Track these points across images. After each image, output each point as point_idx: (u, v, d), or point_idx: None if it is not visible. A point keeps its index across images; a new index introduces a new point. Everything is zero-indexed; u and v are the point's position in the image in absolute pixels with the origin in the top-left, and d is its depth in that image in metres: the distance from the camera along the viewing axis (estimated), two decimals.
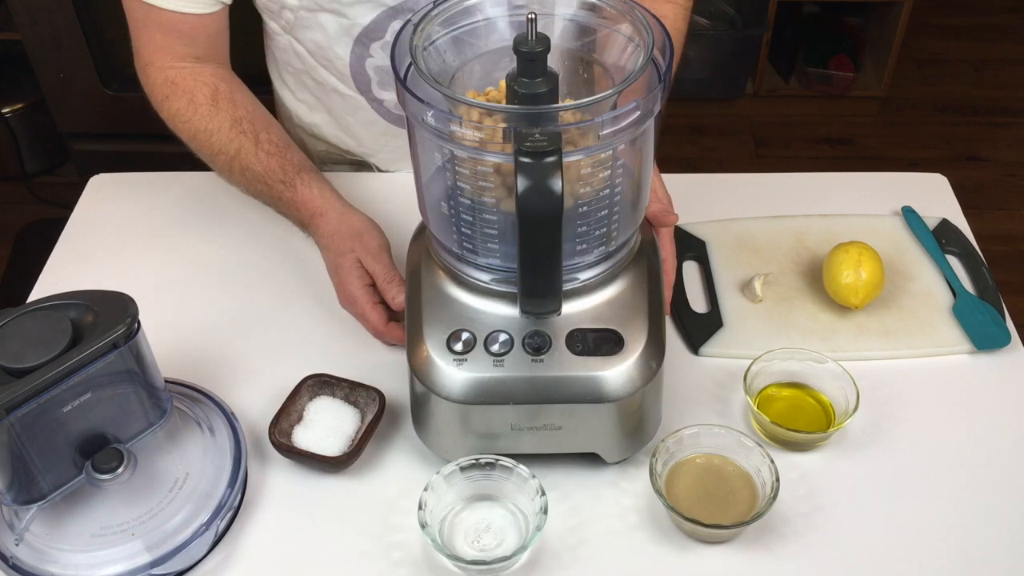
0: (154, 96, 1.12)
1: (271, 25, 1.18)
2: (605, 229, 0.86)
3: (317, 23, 1.12)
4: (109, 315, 0.83)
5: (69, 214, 1.24)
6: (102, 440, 0.86)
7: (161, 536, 0.85)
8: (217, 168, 1.11)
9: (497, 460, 0.88)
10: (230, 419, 0.94)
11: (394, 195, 1.19)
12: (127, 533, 0.85)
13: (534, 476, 0.87)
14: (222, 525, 0.88)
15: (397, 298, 1.00)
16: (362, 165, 1.33)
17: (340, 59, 1.15)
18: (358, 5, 1.08)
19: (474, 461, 0.89)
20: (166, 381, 0.91)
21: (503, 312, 0.88)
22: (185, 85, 1.10)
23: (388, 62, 1.00)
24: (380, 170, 1.33)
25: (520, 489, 0.89)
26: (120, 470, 0.86)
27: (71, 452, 0.84)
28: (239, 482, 0.90)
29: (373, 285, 1.02)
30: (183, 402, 0.95)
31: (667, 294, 0.99)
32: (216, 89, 1.10)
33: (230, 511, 0.89)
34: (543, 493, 0.86)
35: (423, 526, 0.85)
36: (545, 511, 0.86)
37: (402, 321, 0.96)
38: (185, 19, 1.08)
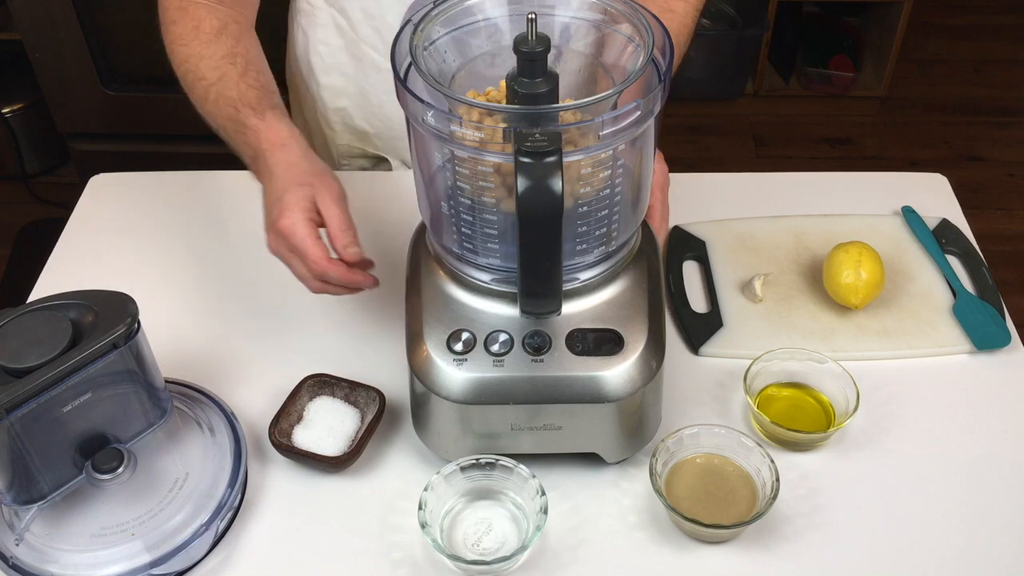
0: (163, 20, 1.08)
1: (312, 0, 1.19)
2: (605, 229, 0.86)
3: None
4: (109, 315, 0.83)
5: (69, 214, 1.24)
6: (102, 440, 0.86)
7: (161, 536, 0.85)
8: (194, 97, 1.04)
9: (497, 460, 0.88)
10: (230, 419, 0.94)
11: (394, 195, 1.19)
12: (127, 533, 0.85)
13: (534, 476, 0.87)
14: (222, 525, 0.88)
15: (350, 248, 0.90)
16: (381, 161, 1.33)
17: (389, 27, 1.15)
18: None
19: (474, 461, 0.89)
20: (166, 381, 0.91)
21: (503, 312, 0.88)
22: (196, 13, 1.06)
23: None
24: (401, 164, 1.32)
25: (520, 489, 0.89)
26: (120, 470, 0.86)
27: (71, 452, 0.84)
28: (239, 482, 0.90)
29: (320, 226, 0.92)
30: (183, 402, 0.95)
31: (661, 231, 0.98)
32: (225, 25, 1.05)
33: (230, 511, 0.89)
34: (543, 493, 0.86)
35: (423, 526, 0.85)
36: (545, 511, 0.86)
37: (356, 273, 0.90)
38: None
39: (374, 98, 1.26)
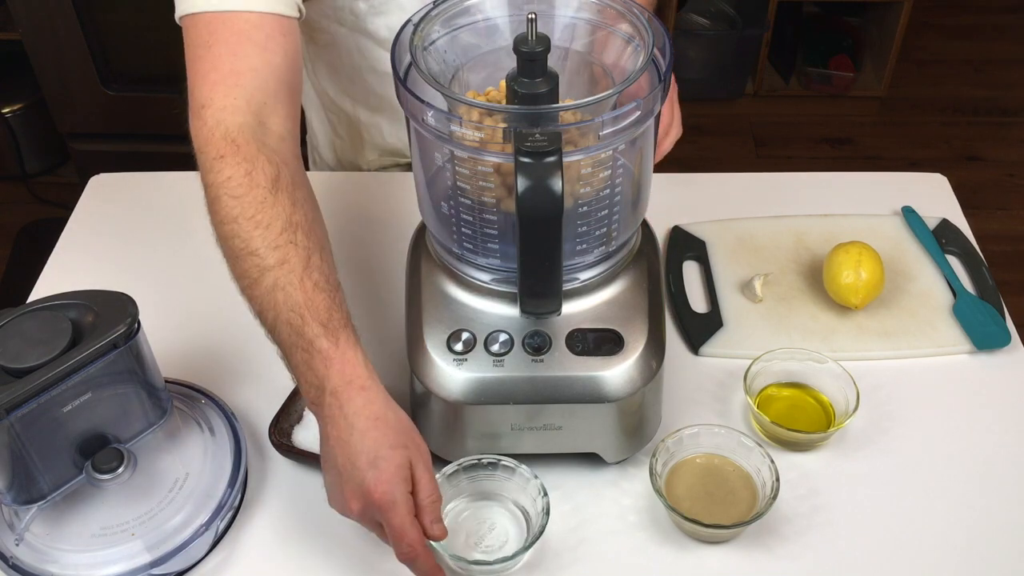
0: (206, 151, 0.87)
1: (331, 30, 1.16)
2: (605, 229, 0.86)
3: (397, 4, 1.11)
4: (109, 315, 0.83)
5: (69, 214, 1.24)
6: (102, 440, 0.86)
7: (161, 536, 0.85)
8: (237, 271, 0.86)
9: (499, 460, 0.89)
10: (230, 419, 0.94)
11: (394, 195, 1.19)
12: (127, 533, 0.85)
13: (536, 476, 0.87)
14: (222, 525, 0.88)
15: (437, 524, 0.80)
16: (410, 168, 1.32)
17: None
18: None
19: (476, 461, 0.89)
20: (166, 381, 0.91)
21: (503, 312, 0.88)
22: (248, 152, 0.86)
23: None
24: None
25: (522, 490, 0.89)
26: (120, 470, 0.86)
27: (71, 452, 0.84)
28: (239, 482, 0.90)
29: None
30: (183, 402, 0.95)
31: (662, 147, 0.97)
32: (279, 174, 0.86)
33: (230, 511, 0.89)
34: (545, 494, 0.86)
35: None
36: (547, 512, 0.85)
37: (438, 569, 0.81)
38: (262, 22, 0.90)
39: (400, 113, 1.25)
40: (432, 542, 0.81)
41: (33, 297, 1.11)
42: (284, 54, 0.91)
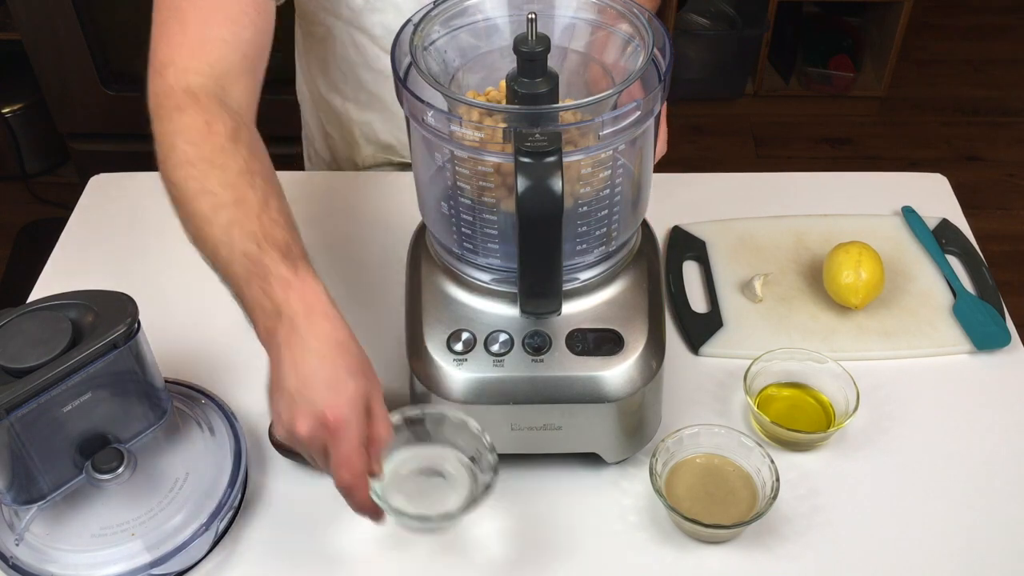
0: (164, 103, 0.87)
1: (327, 23, 1.16)
2: (605, 229, 0.86)
3: (392, 3, 1.11)
4: (109, 315, 0.83)
5: (69, 214, 1.24)
6: (102, 440, 0.86)
7: (161, 536, 0.85)
8: (190, 212, 0.84)
9: (445, 415, 0.84)
10: (230, 419, 0.94)
11: (394, 195, 1.19)
12: (127, 533, 0.85)
13: (484, 432, 0.83)
14: (222, 525, 0.88)
15: (377, 464, 0.78)
16: (405, 167, 1.32)
17: None
18: None
19: (420, 413, 0.84)
20: (166, 381, 0.91)
21: (503, 312, 0.88)
22: (208, 105, 0.86)
23: None
24: None
25: (471, 446, 0.85)
26: (120, 470, 0.86)
27: (71, 452, 0.84)
28: (239, 482, 0.90)
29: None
30: (183, 402, 0.95)
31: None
32: (238, 129, 0.86)
33: (230, 511, 0.89)
34: (493, 450, 0.82)
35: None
36: (495, 470, 0.81)
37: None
38: None
39: (398, 111, 1.25)
40: (377, 496, 0.78)
41: (33, 297, 1.11)
42: (255, 30, 0.91)
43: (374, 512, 0.78)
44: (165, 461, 0.90)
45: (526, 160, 0.73)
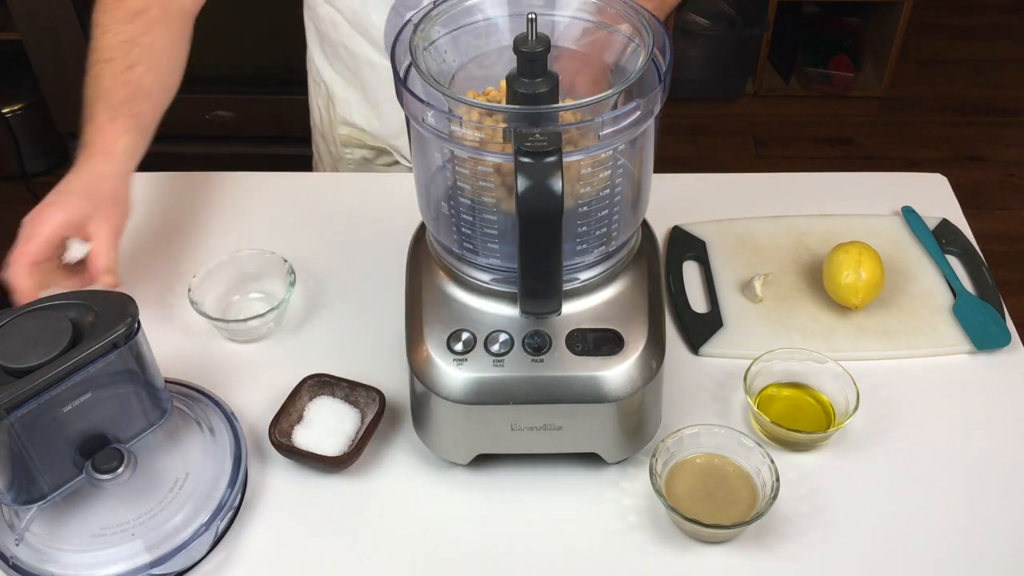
0: None
1: None
2: (605, 229, 0.86)
3: None
4: (109, 315, 0.83)
5: None
6: (102, 440, 0.86)
7: (161, 536, 0.85)
8: (89, 58, 1.08)
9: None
10: (230, 419, 0.94)
11: (394, 195, 1.18)
12: (127, 533, 0.85)
13: (276, 253, 1.06)
14: (222, 525, 0.88)
15: (109, 277, 0.95)
16: (382, 152, 1.33)
17: (375, 27, 1.17)
18: None
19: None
20: (166, 381, 0.91)
21: (503, 312, 0.88)
22: None
23: None
24: (401, 159, 1.33)
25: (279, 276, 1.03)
26: (120, 470, 0.86)
27: (71, 452, 0.84)
28: (239, 482, 0.90)
29: (65, 239, 0.96)
30: (183, 402, 0.95)
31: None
32: (147, 8, 1.07)
33: (230, 511, 0.89)
34: (290, 267, 1.03)
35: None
36: (293, 284, 1.03)
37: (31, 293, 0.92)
38: None
39: (371, 94, 1.27)
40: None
41: None
42: None
43: (27, 295, 0.93)
44: (165, 461, 0.90)
45: (526, 160, 0.73)
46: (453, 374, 0.86)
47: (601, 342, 0.87)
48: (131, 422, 0.88)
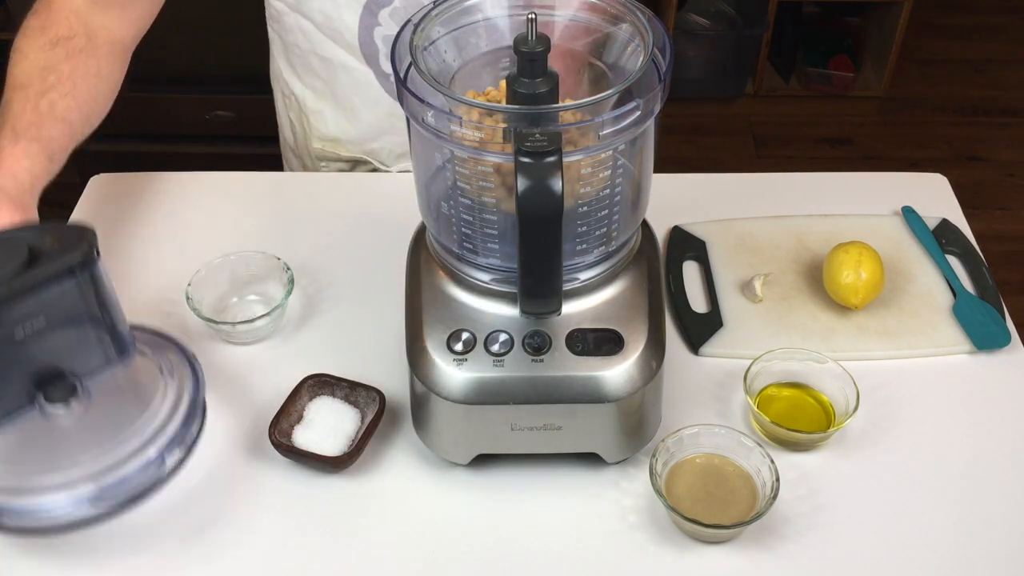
0: (38, 4, 1.07)
1: (276, 6, 1.18)
2: (605, 229, 0.86)
3: None
4: (68, 243, 0.81)
5: (69, 214, 1.24)
6: (59, 376, 0.84)
7: (109, 468, 0.83)
8: (7, 78, 1.03)
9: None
10: (192, 363, 0.91)
11: (394, 195, 1.18)
12: (77, 467, 0.83)
13: (279, 258, 1.05)
14: (172, 460, 0.86)
15: None
16: (359, 163, 1.33)
17: (348, 29, 1.16)
18: None
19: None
20: (131, 327, 0.89)
21: (503, 312, 0.88)
22: (56, 15, 1.05)
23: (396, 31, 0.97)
24: (379, 165, 1.32)
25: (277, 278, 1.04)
26: (73, 403, 0.84)
27: (25, 383, 0.82)
28: (196, 421, 0.87)
29: None
30: (150, 346, 0.93)
31: None
32: (72, 37, 1.05)
33: (181, 445, 0.86)
34: (288, 269, 1.04)
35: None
36: (291, 287, 1.03)
37: None
38: None
39: (345, 101, 1.26)
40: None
41: None
42: None
43: None
44: (122, 400, 0.88)
45: (526, 160, 0.73)
46: (453, 374, 0.86)
47: (601, 342, 0.87)
48: (89, 359, 0.85)
